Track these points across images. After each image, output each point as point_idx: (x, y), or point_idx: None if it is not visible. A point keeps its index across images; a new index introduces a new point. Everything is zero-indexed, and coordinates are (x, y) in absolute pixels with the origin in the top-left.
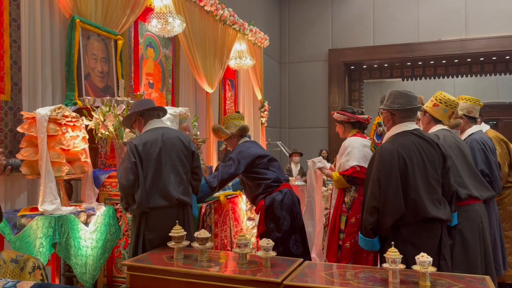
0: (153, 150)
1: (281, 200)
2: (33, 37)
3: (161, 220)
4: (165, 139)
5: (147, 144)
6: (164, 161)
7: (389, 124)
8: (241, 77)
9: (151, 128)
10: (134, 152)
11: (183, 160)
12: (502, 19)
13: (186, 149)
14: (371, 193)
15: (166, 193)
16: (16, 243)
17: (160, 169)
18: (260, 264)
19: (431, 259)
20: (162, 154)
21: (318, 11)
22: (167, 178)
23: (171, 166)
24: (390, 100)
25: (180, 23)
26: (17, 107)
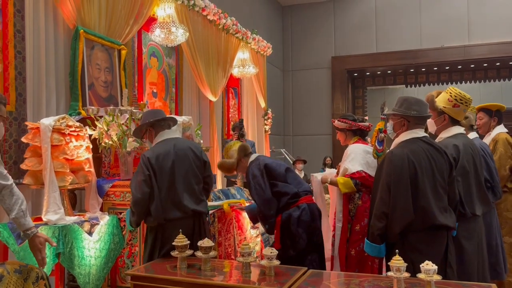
0: (166, 162)
1: (298, 217)
2: (37, 48)
3: (177, 232)
4: (177, 150)
5: (160, 157)
6: (177, 173)
7: (402, 130)
8: (244, 85)
9: (163, 140)
10: (147, 166)
11: (195, 171)
12: (505, 25)
13: (198, 160)
14: (380, 198)
15: (181, 205)
16: (20, 253)
17: (173, 181)
18: (264, 273)
19: (436, 267)
20: (175, 166)
21: (320, 19)
22: (181, 190)
23: (184, 178)
24: (405, 106)
25: (183, 33)
26: (22, 118)
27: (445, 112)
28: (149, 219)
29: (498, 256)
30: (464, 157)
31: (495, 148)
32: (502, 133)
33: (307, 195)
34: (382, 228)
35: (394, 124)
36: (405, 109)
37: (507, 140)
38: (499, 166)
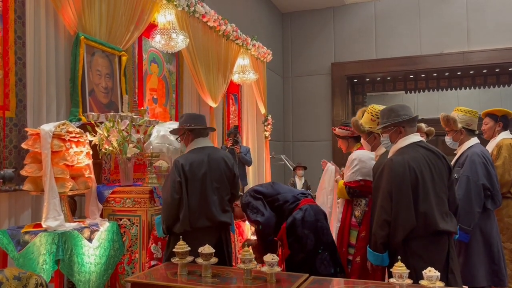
0: (199, 170)
1: (302, 218)
2: (38, 54)
3: (202, 240)
4: (211, 160)
5: (194, 164)
6: (208, 183)
7: (400, 137)
8: (244, 91)
9: (198, 147)
10: (180, 172)
11: (225, 182)
12: (504, 32)
13: (229, 171)
14: (381, 206)
15: (210, 215)
16: (19, 260)
17: (204, 190)
18: (265, 280)
19: (438, 273)
20: (207, 175)
21: (320, 26)
22: (211, 200)
23: (214, 188)
24: (393, 115)
25: (183, 39)
26: (22, 124)
27: (373, 132)
28: (176, 226)
29: (499, 263)
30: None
31: (499, 153)
32: (506, 138)
33: (306, 198)
34: (385, 236)
35: (390, 135)
36: (395, 117)
37: (511, 145)
38: (503, 171)
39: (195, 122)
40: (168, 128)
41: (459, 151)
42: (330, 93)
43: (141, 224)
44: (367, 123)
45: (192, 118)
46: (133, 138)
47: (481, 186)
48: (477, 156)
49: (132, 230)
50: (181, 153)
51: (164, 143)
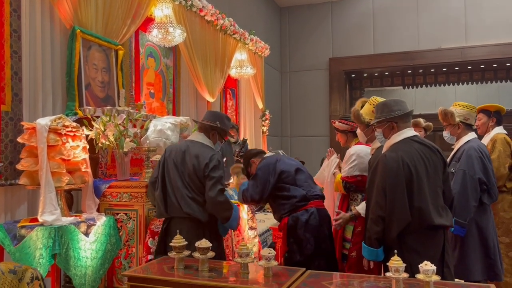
0: (171, 158)
1: (306, 221)
2: (33, 47)
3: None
4: (188, 153)
5: (171, 151)
6: (174, 173)
7: (392, 133)
8: (242, 86)
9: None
10: (163, 155)
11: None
12: (502, 27)
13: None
14: (376, 202)
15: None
16: (16, 254)
17: (172, 179)
18: (262, 274)
19: (434, 267)
20: (175, 165)
21: (318, 20)
22: (174, 189)
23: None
24: (386, 110)
25: (180, 33)
26: (18, 118)
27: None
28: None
29: (495, 257)
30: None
31: (493, 147)
32: (500, 133)
33: (317, 200)
34: (380, 232)
35: (383, 131)
36: (388, 112)
37: (506, 140)
38: (498, 165)
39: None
40: (165, 123)
41: (456, 146)
42: (328, 88)
43: (138, 219)
44: (368, 114)
45: (205, 114)
46: (130, 133)
47: (477, 180)
48: (473, 150)
49: (129, 224)
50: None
51: (161, 138)
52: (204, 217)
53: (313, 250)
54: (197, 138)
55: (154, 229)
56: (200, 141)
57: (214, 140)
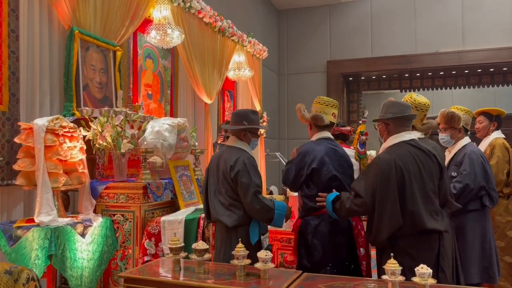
0: (211, 166)
1: (315, 226)
2: (31, 48)
3: (215, 234)
4: (221, 158)
5: (213, 160)
6: (210, 179)
7: (385, 135)
8: (239, 88)
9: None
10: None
11: (222, 180)
12: (499, 31)
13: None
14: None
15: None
16: (11, 255)
17: (210, 185)
18: (259, 276)
19: (430, 270)
20: (215, 172)
21: (316, 23)
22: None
23: (215, 186)
24: (384, 111)
25: (179, 35)
26: (15, 118)
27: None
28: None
29: (491, 260)
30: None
31: (492, 152)
32: (499, 138)
33: None
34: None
35: (379, 129)
36: (384, 113)
37: (504, 145)
38: (496, 171)
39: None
40: (162, 124)
41: (454, 150)
42: (325, 91)
43: (134, 220)
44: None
45: (231, 117)
46: (127, 134)
47: (477, 191)
48: (475, 154)
49: (125, 225)
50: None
51: (159, 139)
52: (230, 222)
53: (321, 258)
54: (231, 142)
55: (150, 231)
56: (233, 145)
57: (247, 140)
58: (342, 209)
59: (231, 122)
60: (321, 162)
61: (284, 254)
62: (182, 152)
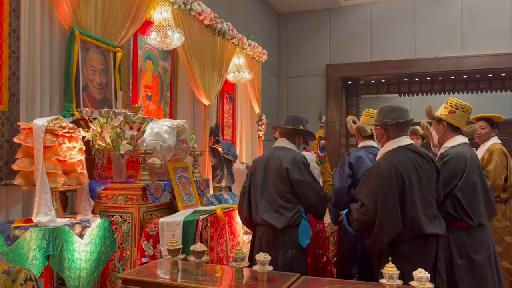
0: (258, 167)
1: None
2: (32, 48)
3: (259, 237)
4: (271, 159)
5: (258, 161)
6: (258, 180)
7: (383, 140)
8: (239, 90)
9: (273, 146)
10: (251, 165)
11: (277, 182)
12: (498, 37)
13: (282, 172)
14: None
15: (259, 212)
16: (9, 255)
17: (256, 186)
18: (257, 279)
19: (428, 275)
20: (262, 173)
21: (316, 27)
22: (260, 197)
23: (265, 186)
24: (382, 115)
25: (179, 37)
26: (15, 118)
27: (442, 119)
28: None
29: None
30: (471, 167)
31: (490, 158)
32: (497, 143)
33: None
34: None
35: (376, 134)
36: (382, 118)
37: (502, 151)
38: (494, 176)
39: (282, 123)
40: (162, 126)
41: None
42: (324, 95)
43: (133, 221)
44: (439, 110)
45: (283, 119)
46: (127, 135)
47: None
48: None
49: (123, 227)
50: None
51: (158, 141)
52: (279, 223)
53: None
54: (281, 144)
55: (149, 232)
56: (283, 146)
57: (298, 144)
58: (353, 221)
59: (286, 123)
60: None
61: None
62: (181, 154)
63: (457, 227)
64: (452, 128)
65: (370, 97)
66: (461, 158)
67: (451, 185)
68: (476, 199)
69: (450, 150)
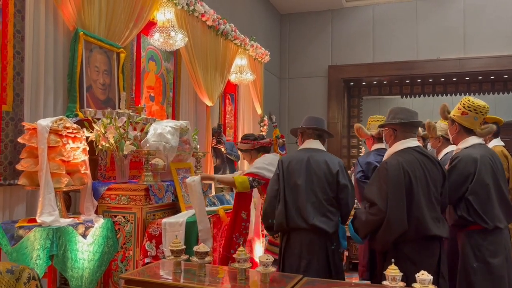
0: (296, 169)
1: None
2: (36, 48)
3: (299, 242)
4: (312, 161)
5: (292, 163)
6: (303, 182)
7: (391, 140)
8: (241, 91)
9: (304, 148)
10: (280, 166)
11: (324, 186)
12: (501, 39)
13: (331, 176)
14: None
15: (304, 215)
16: (13, 254)
17: (297, 189)
18: (259, 280)
19: (431, 277)
20: (304, 175)
21: (318, 28)
22: (305, 200)
23: (309, 189)
24: (391, 116)
25: (182, 37)
26: (19, 118)
27: (455, 120)
28: (273, 223)
29: None
30: (482, 169)
31: None
32: (497, 146)
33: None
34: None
35: (385, 135)
36: (391, 119)
37: (503, 153)
38: None
39: (308, 124)
40: (165, 126)
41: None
42: (326, 96)
43: (135, 222)
44: (453, 111)
45: (307, 120)
46: (130, 135)
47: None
48: None
49: (126, 227)
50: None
51: (161, 141)
52: (330, 228)
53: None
54: (314, 145)
55: (151, 233)
56: (320, 148)
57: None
58: (362, 226)
59: (315, 124)
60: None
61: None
62: (184, 154)
63: (472, 230)
64: (465, 130)
65: (372, 98)
66: (470, 160)
67: (463, 189)
68: (490, 202)
69: (460, 152)
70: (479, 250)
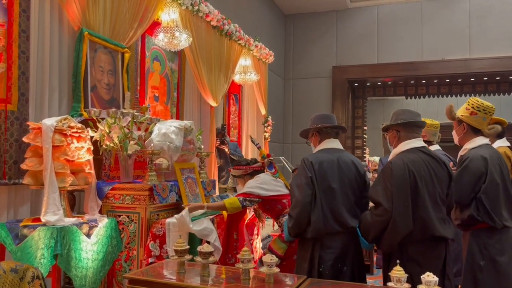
0: (328, 171)
1: None
2: (41, 48)
3: (339, 245)
4: (342, 162)
5: (323, 164)
6: (338, 185)
7: (395, 142)
8: (245, 92)
9: (326, 148)
10: (310, 168)
11: (355, 188)
12: (506, 40)
13: (360, 177)
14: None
15: (342, 219)
16: (17, 253)
17: (332, 192)
18: (263, 280)
19: (437, 279)
20: (337, 177)
21: (322, 28)
22: (341, 203)
23: (343, 192)
24: (394, 118)
25: (186, 38)
26: (24, 117)
27: (463, 120)
28: (308, 230)
29: None
30: (493, 168)
31: None
32: (502, 147)
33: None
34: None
35: (389, 137)
36: (394, 120)
37: (506, 154)
38: None
39: (322, 122)
40: (169, 126)
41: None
42: (331, 96)
43: (139, 221)
44: (461, 111)
45: (320, 117)
46: (134, 135)
47: None
48: None
49: (130, 227)
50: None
51: (165, 141)
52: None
53: None
54: (337, 145)
55: (155, 232)
56: (342, 148)
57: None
58: (369, 228)
59: (328, 122)
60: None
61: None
62: (188, 154)
63: (479, 229)
64: (473, 130)
65: (377, 99)
66: (480, 160)
67: (476, 188)
68: (499, 201)
69: (468, 152)
70: (486, 248)
